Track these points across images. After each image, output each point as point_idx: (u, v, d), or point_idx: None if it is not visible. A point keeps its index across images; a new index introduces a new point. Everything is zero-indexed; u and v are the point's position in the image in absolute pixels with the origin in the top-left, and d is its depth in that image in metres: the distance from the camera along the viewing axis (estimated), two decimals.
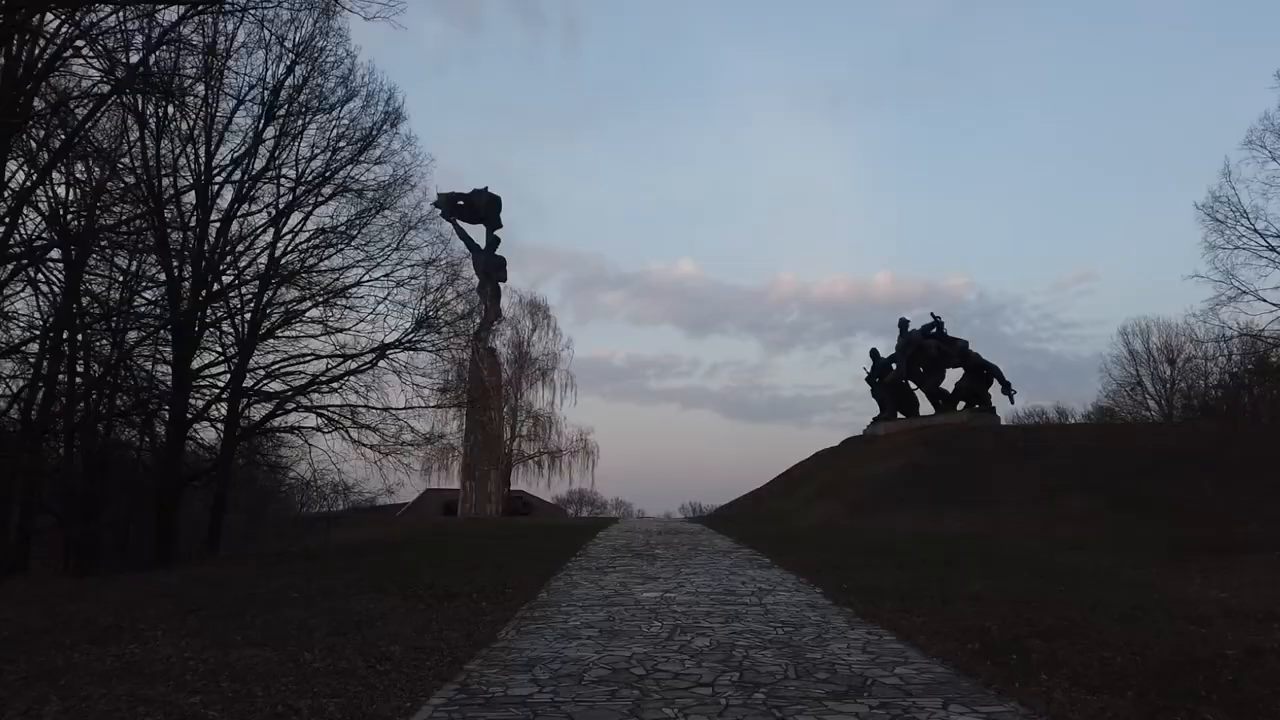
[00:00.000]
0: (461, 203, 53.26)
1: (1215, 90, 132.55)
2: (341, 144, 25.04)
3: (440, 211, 45.28)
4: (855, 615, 10.24)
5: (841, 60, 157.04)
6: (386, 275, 26.16)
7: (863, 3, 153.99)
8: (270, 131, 23.95)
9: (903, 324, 36.35)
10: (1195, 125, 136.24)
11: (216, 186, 23.76)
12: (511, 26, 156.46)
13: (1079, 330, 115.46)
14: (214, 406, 25.28)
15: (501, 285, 54.53)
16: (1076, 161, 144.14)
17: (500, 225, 55.61)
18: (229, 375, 24.90)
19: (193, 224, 23.25)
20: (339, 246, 25.83)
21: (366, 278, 26.04)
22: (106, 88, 16.00)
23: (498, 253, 55.10)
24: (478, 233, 53.53)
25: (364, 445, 25.93)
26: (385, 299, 25.82)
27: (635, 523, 33.18)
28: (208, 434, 26.11)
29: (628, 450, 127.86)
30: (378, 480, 27.39)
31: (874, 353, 37.61)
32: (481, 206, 54.65)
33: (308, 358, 26.12)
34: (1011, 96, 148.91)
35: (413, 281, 25.72)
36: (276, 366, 26.16)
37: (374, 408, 25.15)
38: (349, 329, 25.92)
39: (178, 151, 22.92)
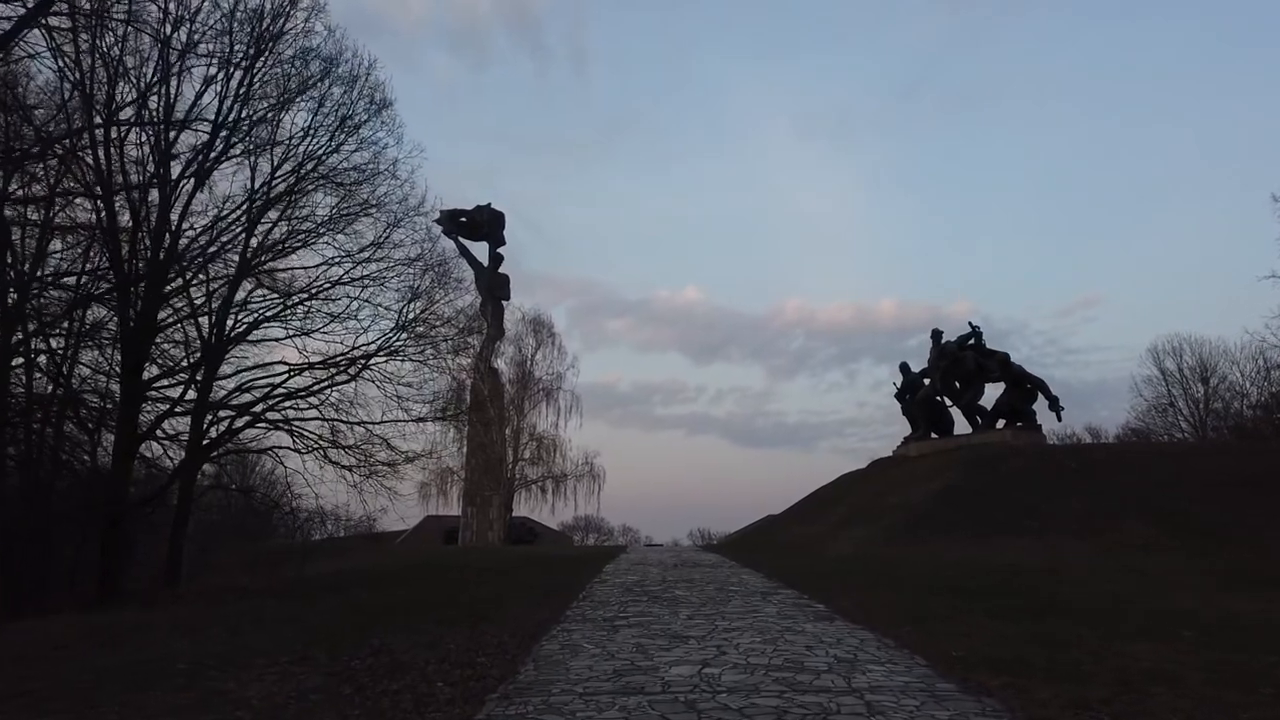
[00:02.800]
0: (464, 219, 49.86)
1: (1220, 115, 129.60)
2: (319, 128, 21.66)
3: (442, 229, 41.97)
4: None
5: (848, 88, 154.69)
6: (369, 276, 22.64)
7: (869, 31, 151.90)
8: (243, 114, 20.63)
9: (936, 335, 32.52)
10: (1201, 151, 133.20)
11: (178, 171, 20.37)
12: (519, 58, 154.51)
13: (1083, 356, 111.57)
14: (174, 422, 21.75)
15: (505, 303, 51.01)
16: (1082, 189, 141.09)
17: (503, 242, 52.14)
18: (195, 388, 21.37)
19: (145, 215, 19.77)
20: (314, 244, 22.37)
21: (346, 277, 22.53)
22: None
23: (501, 270, 51.67)
24: (481, 250, 50.18)
25: (340, 466, 22.30)
26: (360, 298, 22.27)
27: (645, 552, 29.34)
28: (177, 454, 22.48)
29: (634, 476, 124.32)
30: (363, 505, 23.75)
31: (904, 367, 33.81)
32: (484, 223, 51.22)
33: (280, 370, 22.57)
34: (1016, 124, 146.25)
35: (396, 280, 22.14)
36: (246, 380, 22.59)
37: (345, 421, 21.47)
38: (320, 331, 22.36)
39: (126, 132, 19.50)
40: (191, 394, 21.26)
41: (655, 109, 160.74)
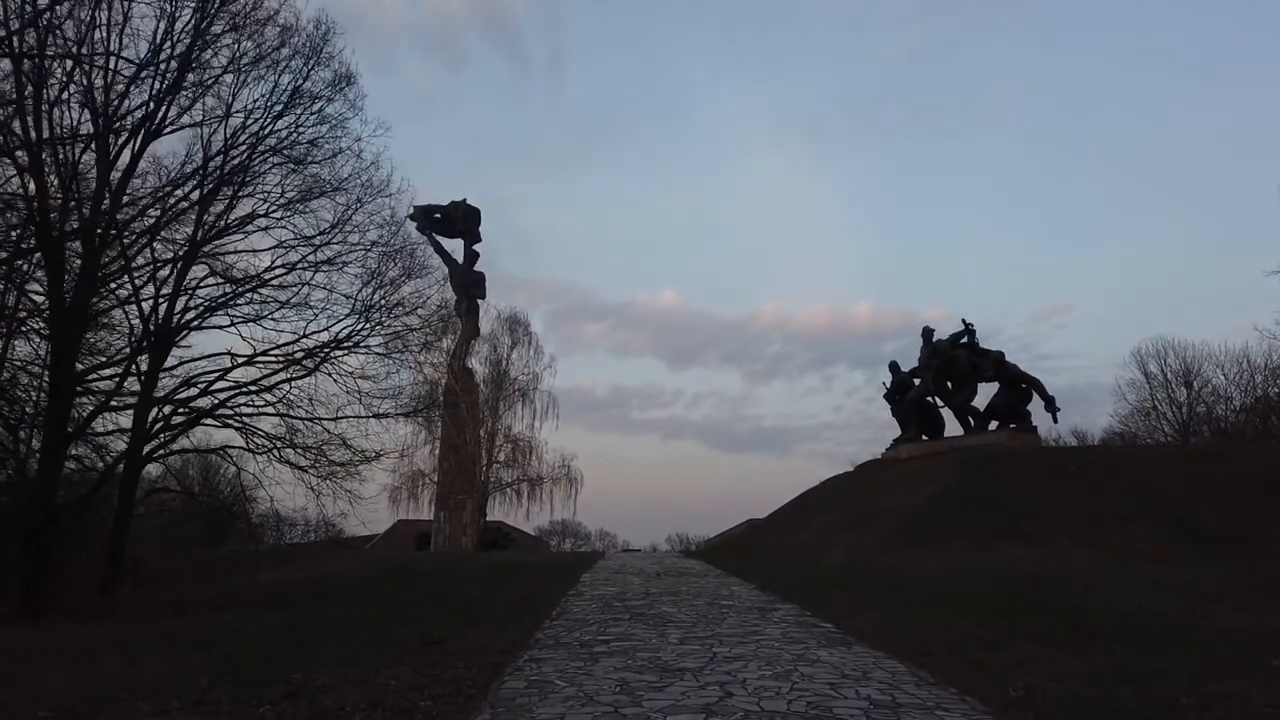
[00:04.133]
0: (438, 216, 47.88)
1: (1188, 124, 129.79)
2: (276, 102, 19.72)
3: (415, 225, 40.02)
4: None
5: (822, 95, 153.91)
6: (328, 261, 20.67)
7: (843, 39, 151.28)
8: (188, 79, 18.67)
9: (927, 333, 30.72)
10: (1171, 160, 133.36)
11: (121, 139, 18.35)
12: (495, 63, 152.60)
13: (1056, 362, 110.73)
14: (115, 419, 19.71)
15: (480, 302, 48.99)
16: (1054, 195, 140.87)
17: (479, 239, 50.19)
18: (139, 380, 19.35)
19: (75, 184, 17.74)
20: (270, 227, 20.39)
21: (304, 263, 20.56)
22: None
23: (477, 268, 49.66)
24: (456, 248, 48.20)
25: (296, 467, 20.32)
26: (319, 284, 20.30)
27: (624, 559, 27.46)
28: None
29: (611, 481, 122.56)
30: (320, 509, 21.73)
31: (894, 366, 32.03)
32: (459, 219, 49.24)
33: (230, 363, 20.55)
34: (988, 131, 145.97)
35: (357, 266, 20.18)
36: (193, 373, 20.55)
37: (296, 417, 19.50)
38: (274, 320, 20.39)
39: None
40: (132, 386, 19.27)
41: (632, 113, 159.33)
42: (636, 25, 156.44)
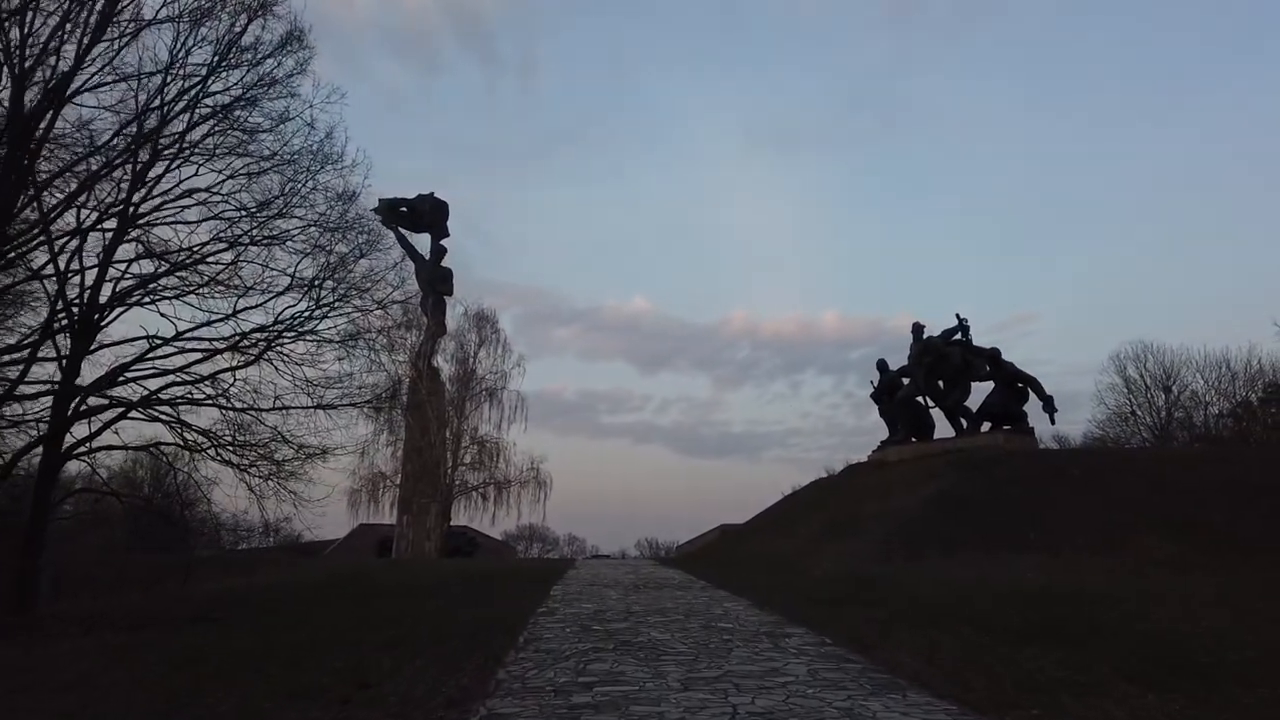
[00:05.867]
0: (404, 209, 45.38)
1: (1154, 136, 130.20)
2: (219, 63, 17.35)
3: (380, 218, 37.46)
4: None
5: (791, 103, 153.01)
6: (273, 238, 18.29)
7: (810, 49, 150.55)
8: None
9: (917, 329, 28.67)
10: (1138, 167, 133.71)
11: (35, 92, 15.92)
12: (468, 67, 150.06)
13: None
14: (21, 409, 17.24)
15: (447, 298, 46.51)
16: (1017, 207, 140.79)
17: (447, 234, 47.74)
18: (59, 367, 16.91)
19: None
20: (207, 200, 17.97)
21: (246, 238, 18.15)
22: None
23: (444, 264, 47.20)
24: (423, 243, 45.75)
25: (234, 466, 17.91)
26: (263, 263, 17.91)
27: (596, 568, 25.18)
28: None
29: (580, 485, 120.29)
30: (262, 512, 19.32)
31: (882, 365, 29.99)
32: (426, 213, 46.76)
33: (164, 351, 18.12)
34: (955, 141, 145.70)
35: (303, 242, 17.81)
36: (119, 360, 18.06)
37: (232, 407, 17.11)
38: (211, 303, 17.98)
39: None
40: (48, 373, 16.84)
41: (604, 120, 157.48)
42: (609, 32, 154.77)
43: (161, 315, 17.66)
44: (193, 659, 8.92)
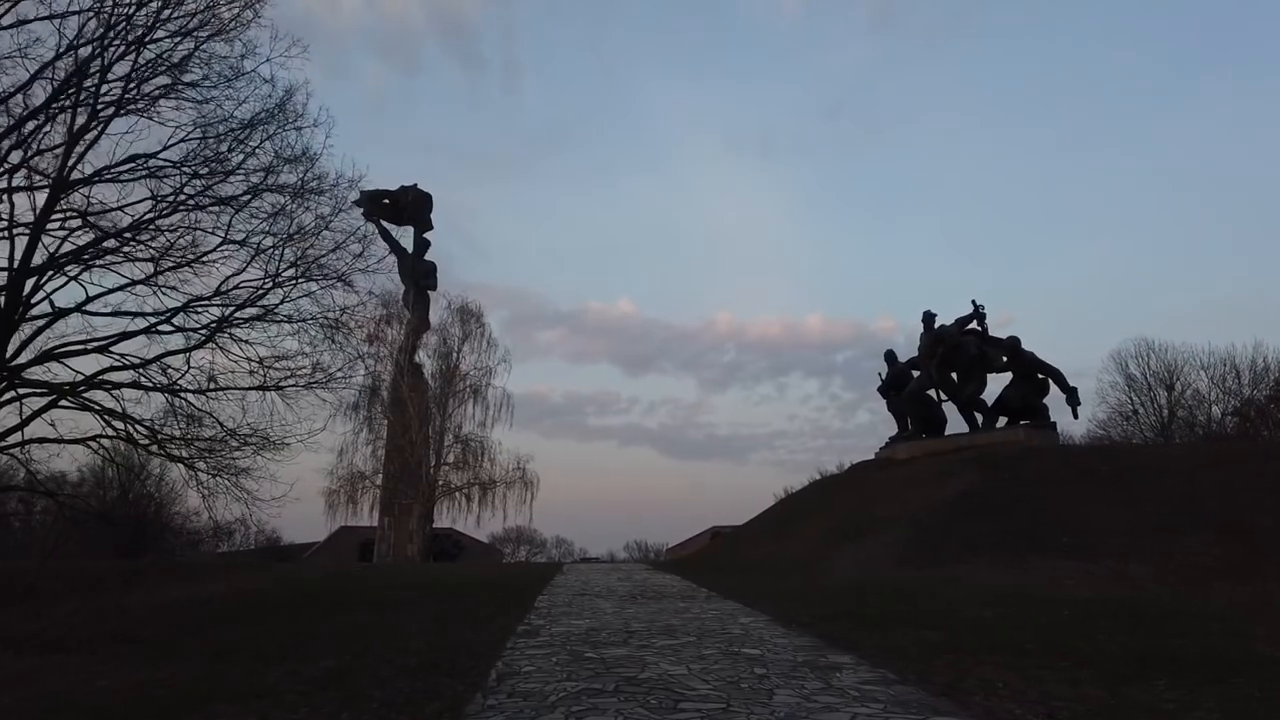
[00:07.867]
0: (387, 201, 43.08)
1: (1133, 144, 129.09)
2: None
3: (362, 210, 35.10)
4: None
5: (773, 107, 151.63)
6: (226, 201, 16.04)
7: (793, 54, 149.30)
8: None
9: (928, 318, 26.45)
10: (1117, 172, 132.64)
11: None
12: (451, 69, 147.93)
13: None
14: None
15: (430, 293, 44.21)
16: (996, 212, 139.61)
17: (431, 226, 45.52)
18: None
19: None
20: (150, 159, 15.68)
21: (193, 204, 15.91)
22: None
23: (427, 257, 44.93)
24: (406, 236, 43.42)
25: (179, 460, 15.65)
26: (218, 232, 15.66)
27: (586, 573, 22.83)
28: None
29: (567, 487, 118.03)
30: (209, 512, 17.10)
31: (890, 355, 27.81)
32: (409, 205, 44.51)
33: (103, 334, 15.91)
34: (935, 146, 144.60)
35: (254, 205, 15.54)
36: (52, 344, 15.81)
37: (173, 390, 14.82)
38: (156, 279, 15.72)
39: None
40: None
41: (587, 123, 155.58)
42: (592, 35, 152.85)
43: (102, 289, 15.40)
44: (70, 698, 6.63)
